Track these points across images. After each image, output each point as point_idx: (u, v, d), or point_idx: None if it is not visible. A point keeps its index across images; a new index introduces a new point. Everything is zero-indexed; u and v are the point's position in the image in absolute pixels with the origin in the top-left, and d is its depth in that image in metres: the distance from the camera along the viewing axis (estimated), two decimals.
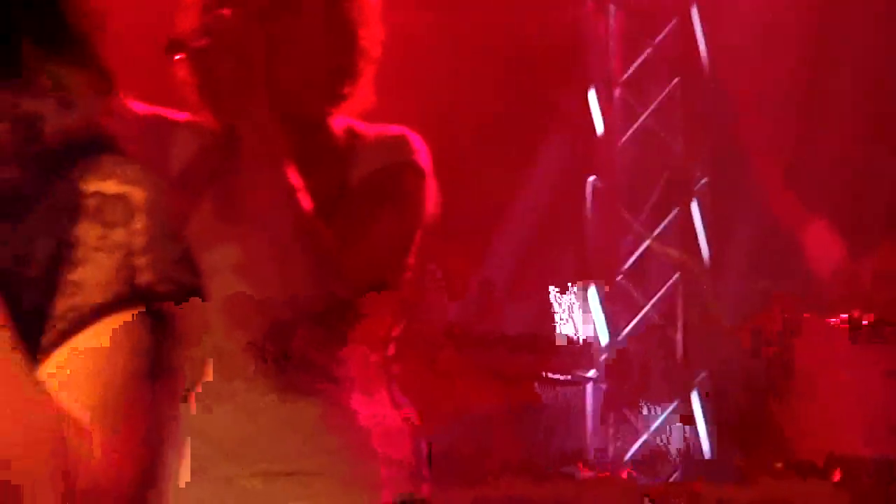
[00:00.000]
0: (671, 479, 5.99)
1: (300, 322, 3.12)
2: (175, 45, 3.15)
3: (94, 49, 1.51)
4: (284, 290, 3.17)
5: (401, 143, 3.33)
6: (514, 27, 5.61)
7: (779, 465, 5.75)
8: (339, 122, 3.17)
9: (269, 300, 3.11)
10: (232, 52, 3.17)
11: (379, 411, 3.56)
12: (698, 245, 6.21)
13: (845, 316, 5.86)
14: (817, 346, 6.19)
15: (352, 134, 3.28)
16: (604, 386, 6.03)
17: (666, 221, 6.05)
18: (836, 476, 5.57)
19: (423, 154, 3.42)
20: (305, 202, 3.10)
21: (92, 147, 1.51)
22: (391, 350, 3.60)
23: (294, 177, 3.14)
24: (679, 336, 5.97)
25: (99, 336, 1.50)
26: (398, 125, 3.07)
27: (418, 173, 3.40)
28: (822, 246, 6.48)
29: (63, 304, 1.50)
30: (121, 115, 1.52)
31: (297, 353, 3.13)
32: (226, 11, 3.14)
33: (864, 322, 6.09)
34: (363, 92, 3.40)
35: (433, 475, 3.72)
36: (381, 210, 3.23)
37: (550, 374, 6.14)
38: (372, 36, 3.48)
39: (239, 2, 3.42)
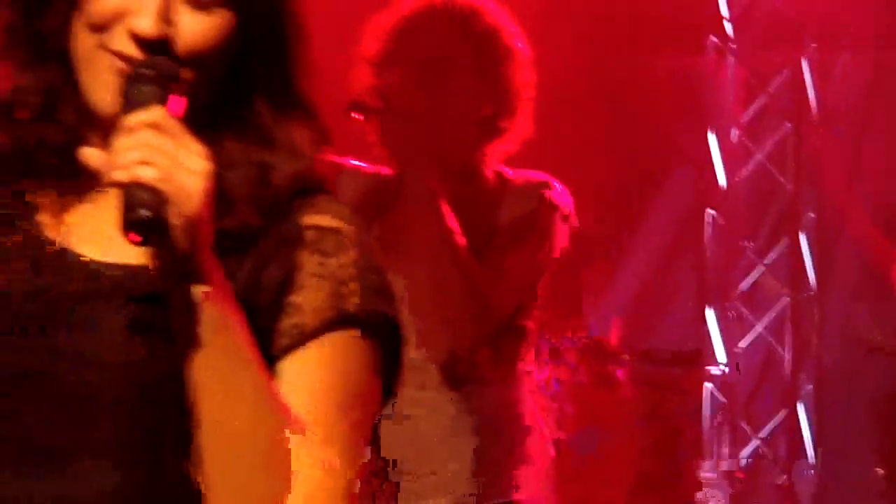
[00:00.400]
0: (779, 482, 6.26)
1: (469, 341, 3.71)
2: (356, 106, 3.50)
3: (314, 107, 1.83)
4: (441, 316, 3.70)
5: (542, 189, 3.69)
6: (643, 73, 5.92)
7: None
8: (490, 168, 3.69)
9: (451, 323, 3.69)
10: (401, 113, 3.54)
11: (527, 414, 3.77)
12: (806, 272, 6.22)
13: None
14: None
15: (501, 179, 3.73)
16: (720, 396, 6.13)
17: (776, 250, 6.12)
18: None
19: (564, 198, 3.62)
20: (461, 240, 3.58)
21: (309, 189, 1.80)
22: (534, 362, 3.82)
23: (451, 219, 3.57)
24: (787, 353, 6.08)
25: (317, 351, 1.75)
26: (540, 171, 3.69)
27: (561, 216, 3.65)
28: None
29: (286, 323, 1.74)
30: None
31: (468, 366, 3.72)
32: (394, 79, 3.56)
33: None
34: (521, 124, 3.51)
35: (560, 475, 3.91)
36: (525, 249, 3.69)
37: (665, 384, 6.13)
38: (524, 79, 3.55)
39: (404, 63, 3.61)
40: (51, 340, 1.81)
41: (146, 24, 1.73)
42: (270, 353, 1.79)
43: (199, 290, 1.71)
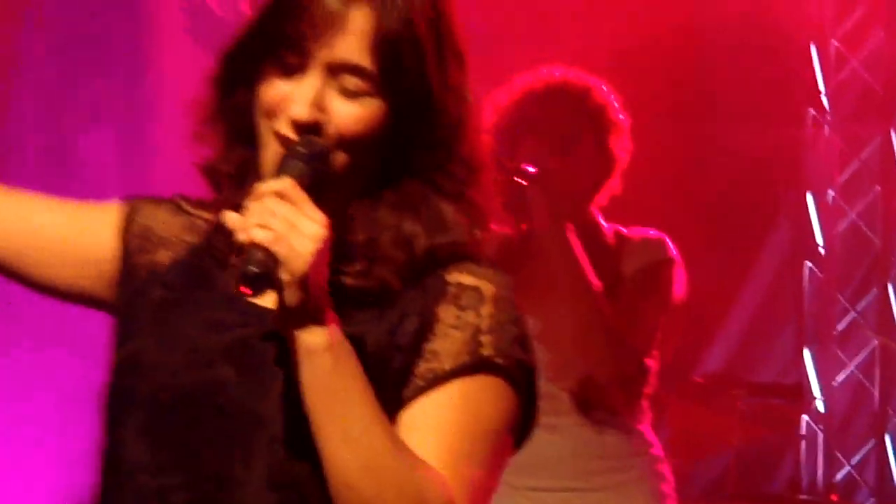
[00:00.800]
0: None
1: (607, 377, 3.97)
2: (519, 173, 3.88)
3: (470, 190, 1.93)
4: (579, 353, 3.96)
5: (660, 244, 4.00)
6: (750, 142, 6.20)
7: None
8: (609, 227, 4.02)
9: (590, 360, 3.95)
10: (541, 178, 3.87)
11: (649, 442, 4.04)
12: (893, 318, 6.52)
13: None
14: None
15: (620, 237, 4.05)
16: (816, 427, 6.51)
17: (866, 299, 6.52)
18: None
19: (676, 252, 3.93)
20: (599, 288, 3.86)
21: (456, 257, 1.90)
22: (650, 397, 4.06)
23: (590, 269, 3.86)
24: (876, 390, 6.46)
25: (450, 393, 1.83)
26: (654, 229, 4.04)
27: (675, 268, 3.95)
28: None
29: (423, 367, 1.83)
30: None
31: (600, 397, 3.98)
32: (531, 148, 3.92)
33: None
34: (613, 185, 3.95)
35: (680, 496, 4.12)
36: (649, 297, 3.99)
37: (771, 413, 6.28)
38: (625, 147, 3.97)
39: (538, 134, 3.98)
40: (223, 373, 1.97)
41: (301, 110, 1.89)
42: (405, 396, 1.89)
43: (310, 338, 1.83)
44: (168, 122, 6.16)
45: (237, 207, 1.87)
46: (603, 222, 4.09)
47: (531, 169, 3.97)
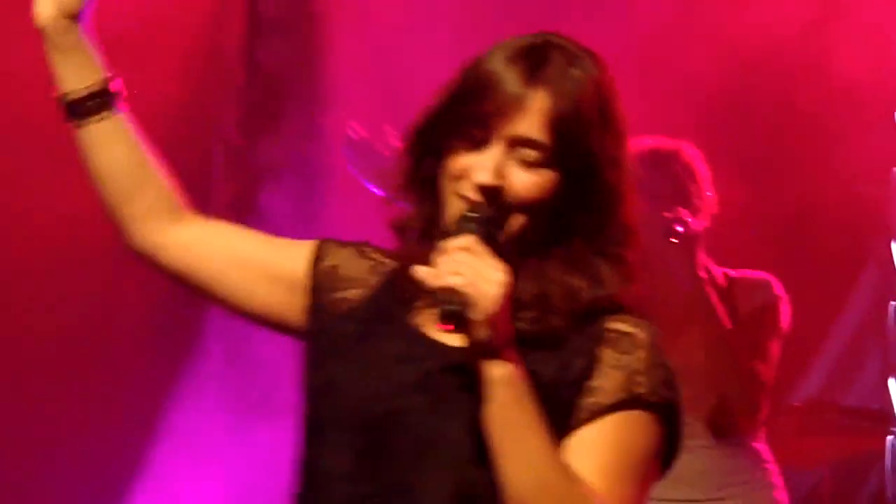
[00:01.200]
0: None
1: (733, 407, 4.24)
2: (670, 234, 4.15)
3: (623, 251, 2.07)
4: (712, 388, 4.23)
5: (770, 285, 4.38)
6: (839, 196, 6.38)
7: None
8: (718, 271, 4.30)
9: (722, 392, 4.20)
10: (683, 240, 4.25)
11: (765, 458, 4.38)
12: None
13: None
14: None
15: (729, 279, 4.38)
16: None
17: None
18: None
19: (782, 290, 4.27)
20: (726, 325, 4.16)
21: (614, 307, 2.05)
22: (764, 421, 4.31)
23: (722, 313, 4.18)
24: None
25: (609, 425, 1.99)
26: (758, 271, 4.38)
27: (784, 306, 4.29)
28: None
29: (586, 401, 2.00)
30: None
31: (728, 424, 4.25)
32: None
33: None
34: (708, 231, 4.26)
35: None
36: (770, 334, 4.34)
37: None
38: (715, 201, 4.29)
39: (648, 187, 4.08)
40: (414, 399, 2.09)
41: (485, 176, 2.01)
42: (570, 425, 2.03)
43: (498, 372, 1.96)
44: (335, 178, 6.57)
45: (421, 258, 2.07)
46: (712, 266, 4.40)
47: (679, 228, 4.25)
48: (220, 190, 6.97)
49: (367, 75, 6.48)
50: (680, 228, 4.26)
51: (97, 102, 2.36)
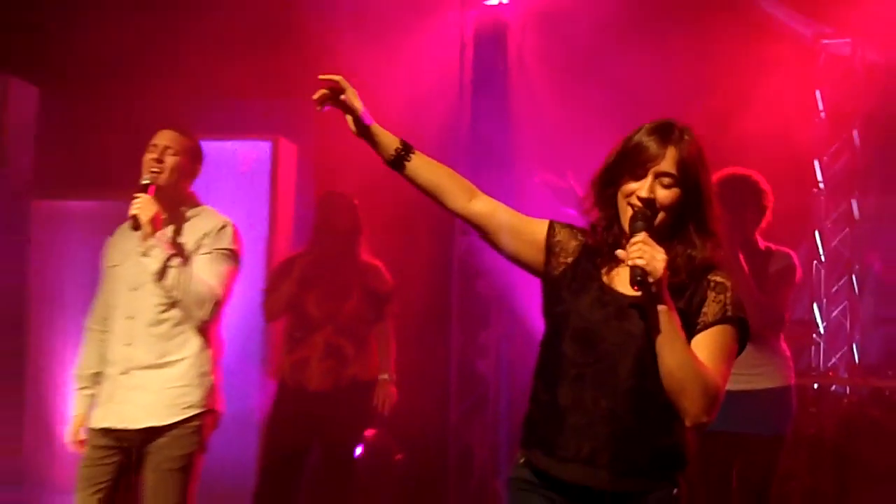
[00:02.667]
0: None
1: (758, 325, 4.42)
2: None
3: (714, 234, 3.22)
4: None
5: (790, 255, 5.64)
6: None
7: None
8: (763, 244, 5.55)
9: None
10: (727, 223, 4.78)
11: (784, 353, 5.62)
12: None
13: None
14: None
15: (769, 249, 5.61)
16: None
17: None
18: None
19: (797, 259, 5.52)
20: (752, 282, 5.25)
21: (713, 266, 3.24)
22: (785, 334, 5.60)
23: (746, 273, 5.24)
24: None
25: (713, 332, 3.24)
26: (784, 247, 5.59)
27: (798, 268, 5.59)
28: None
29: (701, 320, 3.23)
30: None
31: (756, 332, 4.12)
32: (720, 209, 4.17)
33: None
34: (765, 225, 5.51)
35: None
36: (788, 285, 5.60)
37: None
38: (771, 209, 5.48)
39: (725, 202, 4.72)
40: (604, 328, 3.25)
41: (644, 192, 3.16)
42: (694, 333, 3.19)
43: (662, 308, 3.12)
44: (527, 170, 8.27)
45: (607, 242, 3.28)
46: (760, 241, 5.71)
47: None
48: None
49: (540, 139, 8.69)
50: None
51: (401, 156, 3.39)
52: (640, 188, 3.21)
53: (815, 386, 8.79)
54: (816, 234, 9.73)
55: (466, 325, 9.31)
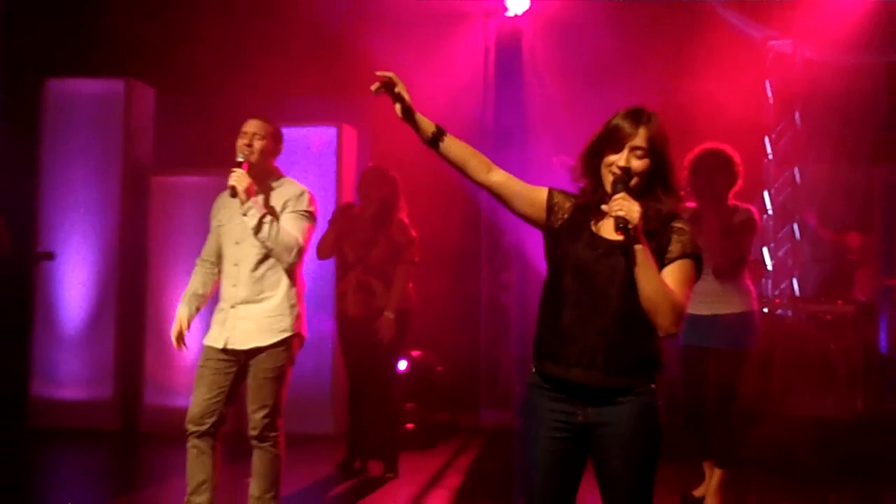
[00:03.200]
0: None
1: (722, 264, 5.39)
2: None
3: (676, 191, 3.31)
4: (715, 255, 5.32)
5: (750, 210, 5.65)
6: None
7: None
8: (733, 203, 5.60)
9: (715, 258, 5.26)
10: (701, 189, 5.30)
11: (747, 287, 5.65)
12: None
13: None
14: None
15: (735, 205, 5.67)
16: None
17: None
18: None
19: (756, 212, 5.55)
20: (723, 229, 5.39)
21: (675, 216, 3.33)
22: (747, 272, 5.63)
23: (717, 222, 5.34)
24: None
25: (676, 266, 3.31)
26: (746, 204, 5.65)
27: (756, 220, 5.61)
28: None
29: (666, 257, 3.31)
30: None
31: (721, 271, 5.50)
32: (698, 181, 5.34)
33: None
34: (736, 190, 5.53)
35: None
36: (749, 232, 5.63)
37: None
38: (742, 176, 5.57)
39: (699, 174, 5.43)
40: (595, 265, 3.31)
41: (622, 162, 3.25)
42: (661, 267, 3.27)
43: (639, 247, 3.19)
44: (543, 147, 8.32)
45: (593, 202, 3.32)
46: (731, 201, 5.80)
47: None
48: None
49: (550, 123, 9.06)
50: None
51: (436, 137, 3.41)
52: (619, 159, 3.30)
53: (765, 310, 9.02)
54: (766, 193, 10.01)
55: (492, 268, 9.61)
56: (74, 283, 8.93)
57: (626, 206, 3.17)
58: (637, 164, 3.28)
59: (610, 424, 3.31)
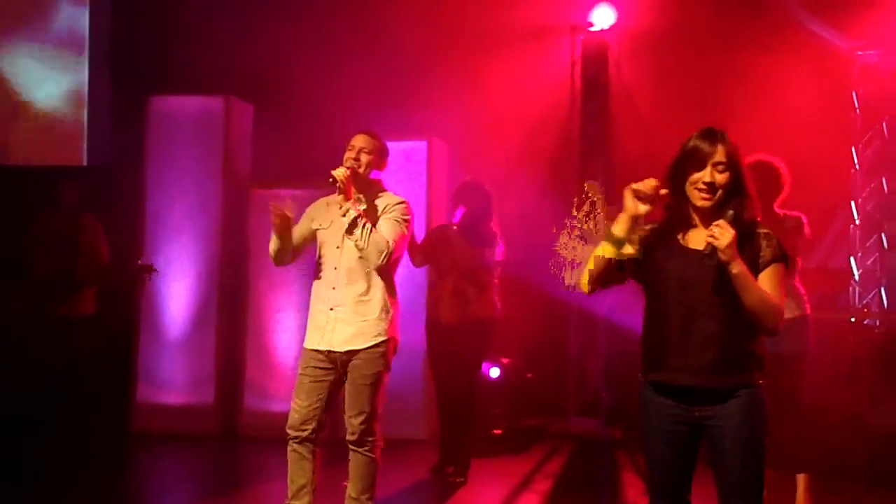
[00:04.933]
0: None
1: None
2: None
3: (754, 202, 3.54)
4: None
5: (800, 217, 5.65)
6: None
7: None
8: (780, 211, 5.59)
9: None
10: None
11: (800, 291, 5.66)
12: None
13: None
14: None
15: (784, 214, 5.65)
16: None
17: None
18: None
19: (805, 219, 5.59)
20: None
21: (755, 223, 3.56)
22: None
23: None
24: None
25: (771, 270, 3.58)
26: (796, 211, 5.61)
27: (805, 225, 5.62)
28: None
29: (760, 261, 3.57)
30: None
31: None
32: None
33: None
34: (782, 197, 5.53)
35: None
36: (796, 239, 5.55)
37: None
38: (789, 185, 5.55)
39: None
40: (696, 275, 3.53)
41: (708, 178, 3.45)
42: (758, 270, 3.50)
43: (733, 266, 3.46)
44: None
45: (680, 219, 3.54)
46: (778, 210, 5.76)
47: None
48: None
49: (634, 134, 9.21)
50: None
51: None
52: (703, 175, 3.52)
53: (852, 319, 8.95)
54: (852, 203, 9.79)
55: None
56: (178, 292, 9.10)
57: (721, 232, 3.43)
58: (720, 178, 3.50)
59: (723, 417, 3.50)
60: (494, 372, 8.45)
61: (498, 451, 8.07)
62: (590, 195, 3.61)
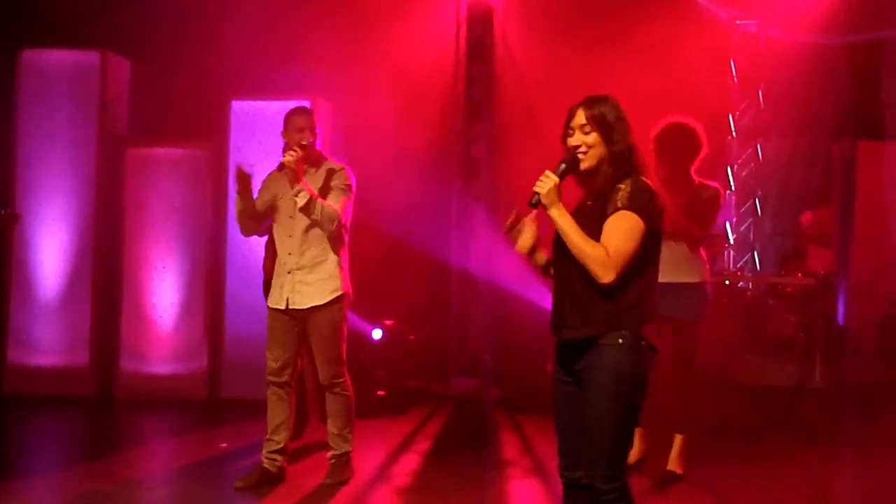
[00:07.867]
0: None
1: (686, 236, 5.60)
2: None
3: (629, 157, 3.63)
4: (676, 224, 5.41)
5: (717, 186, 5.79)
6: None
7: None
8: (698, 180, 5.67)
9: (680, 227, 5.38)
10: (665, 162, 5.39)
11: (702, 258, 5.75)
12: None
13: None
14: None
15: (701, 183, 5.74)
16: None
17: None
18: None
19: (722, 191, 5.71)
20: (680, 204, 5.46)
21: (623, 178, 3.60)
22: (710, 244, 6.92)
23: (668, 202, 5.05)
24: None
25: (617, 217, 3.57)
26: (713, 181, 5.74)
27: (721, 195, 5.75)
28: None
29: (609, 209, 3.59)
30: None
31: (685, 240, 5.71)
32: (661, 154, 5.37)
33: None
34: (698, 163, 5.63)
35: None
36: (714, 207, 5.70)
37: None
38: (706, 148, 5.70)
39: (661, 145, 5.54)
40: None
41: (574, 142, 3.65)
42: (604, 221, 3.53)
43: (553, 214, 3.58)
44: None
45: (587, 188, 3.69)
46: (695, 177, 5.87)
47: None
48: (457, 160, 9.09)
49: (518, 98, 9.30)
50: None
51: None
52: (573, 140, 3.65)
53: (727, 283, 9.23)
54: (729, 169, 10.25)
55: (461, 237, 9.52)
56: (51, 251, 8.93)
57: (543, 182, 3.56)
58: (587, 139, 3.60)
59: (585, 370, 3.58)
60: (377, 334, 8.42)
61: (380, 413, 8.09)
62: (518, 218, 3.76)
